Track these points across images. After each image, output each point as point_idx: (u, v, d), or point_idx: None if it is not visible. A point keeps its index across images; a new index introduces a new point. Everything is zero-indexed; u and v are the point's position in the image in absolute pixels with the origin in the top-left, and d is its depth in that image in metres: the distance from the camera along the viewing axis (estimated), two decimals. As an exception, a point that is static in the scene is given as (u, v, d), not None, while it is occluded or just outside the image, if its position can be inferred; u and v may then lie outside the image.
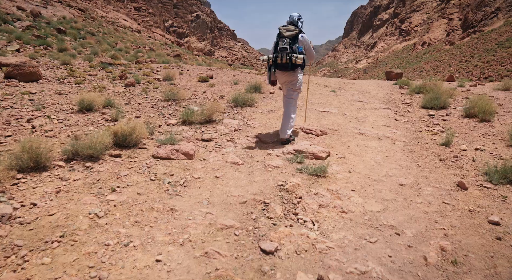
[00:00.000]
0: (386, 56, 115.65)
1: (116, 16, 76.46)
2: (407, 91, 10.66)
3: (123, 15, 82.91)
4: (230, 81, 11.32)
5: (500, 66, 42.62)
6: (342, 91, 10.81)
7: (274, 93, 9.39)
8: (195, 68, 15.14)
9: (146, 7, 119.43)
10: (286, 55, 4.90)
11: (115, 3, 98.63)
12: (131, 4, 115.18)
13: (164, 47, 44.43)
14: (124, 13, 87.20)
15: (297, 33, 5.00)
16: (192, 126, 6.07)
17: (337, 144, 5.44)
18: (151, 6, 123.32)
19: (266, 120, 6.66)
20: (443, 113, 7.39)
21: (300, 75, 5.33)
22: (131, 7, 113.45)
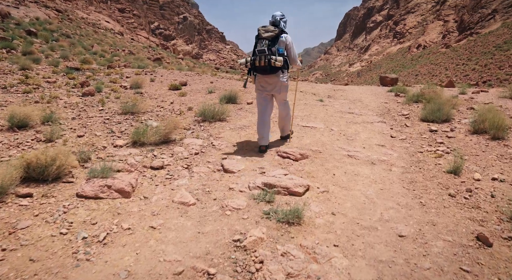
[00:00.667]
0: (380, 59, 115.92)
1: (97, 17, 75.38)
2: (404, 99, 9.86)
3: (106, 17, 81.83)
4: (205, 89, 10.40)
5: (499, 69, 42.40)
6: (331, 101, 9.96)
7: (251, 104, 8.49)
8: (171, 74, 14.21)
9: (131, 8, 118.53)
10: (265, 57, 4.71)
11: (98, 4, 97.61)
12: (115, 5, 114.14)
13: (146, 50, 43.46)
14: (107, 15, 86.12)
15: (277, 34, 4.79)
16: (143, 148, 5.11)
17: (320, 171, 4.53)
18: (136, 8, 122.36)
19: (236, 139, 5.73)
20: (446, 128, 6.54)
21: (283, 79, 5.09)
22: (115, 8, 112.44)
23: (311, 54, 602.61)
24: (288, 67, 5.09)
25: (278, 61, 4.70)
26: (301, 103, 9.00)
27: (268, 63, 4.73)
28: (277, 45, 4.81)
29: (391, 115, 8.01)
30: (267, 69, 4.83)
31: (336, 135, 6.16)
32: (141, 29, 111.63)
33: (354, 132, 6.39)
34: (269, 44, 4.75)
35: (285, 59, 4.89)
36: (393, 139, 6.04)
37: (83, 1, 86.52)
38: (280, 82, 5.09)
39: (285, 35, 4.94)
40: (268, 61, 4.72)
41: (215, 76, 15.20)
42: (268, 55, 4.70)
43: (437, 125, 6.80)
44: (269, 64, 4.74)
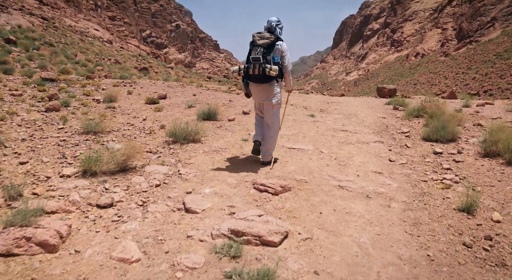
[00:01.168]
0: (377, 68, 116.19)
1: (86, 25, 74.97)
2: (403, 114, 9.24)
3: (95, 25, 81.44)
4: (185, 103, 9.72)
5: (500, 78, 42.16)
6: (323, 116, 9.31)
7: (233, 121, 7.81)
8: (153, 85, 13.53)
9: (122, 16, 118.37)
10: (259, 66, 4.60)
11: (87, 12, 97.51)
12: (105, 13, 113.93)
13: (135, 59, 42.85)
14: (96, 23, 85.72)
15: (273, 41, 4.69)
16: (95, 179, 4.38)
17: (304, 208, 3.82)
18: (127, 15, 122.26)
19: (209, 166, 5.01)
20: (453, 149, 5.87)
21: (277, 88, 5.00)
22: (105, 16, 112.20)
23: (307, 62, 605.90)
24: (282, 76, 4.99)
25: (273, 70, 4.59)
26: (290, 120, 8.32)
27: (263, 72, 4.61)
28: (272, 53, 4.70)
29: (389, 133, 7.34)
30: (261, 78, 4.72)
31: (326, 160, 5.46)
32: (132, 37, 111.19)
33: (347, 156, 5.69)
34: (264, 52, 4.64)
35: (279, 68, 4.77)
36: (392, 164, 5.35)
37: (72, 8, 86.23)
38: (273, 91, 4.96)
39: (280, 42, 4.82)
40: (262, 70, 4.59)
41: (201, 87, 14.54)
42: (263, 64, 4.59)
43: (442, 146, 6.13)
44: (263, 73, 4.62)
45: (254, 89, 5.03)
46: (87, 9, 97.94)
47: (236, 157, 5.43)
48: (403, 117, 8.90)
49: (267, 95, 4.98)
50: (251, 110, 9.20)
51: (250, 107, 9.71)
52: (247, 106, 9.91)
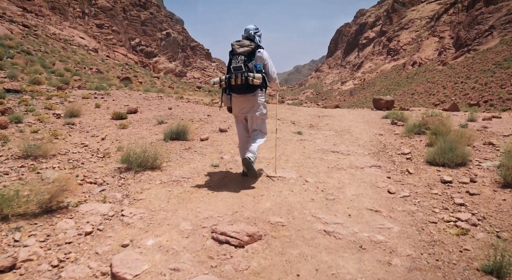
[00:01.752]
0: (374, 77, 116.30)
1: (71, 33, 74.33)
2: (403, 130, 8.43)
3: (81, 33, 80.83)
4: (156, 118, 8.83)
5: (501, 88, 41.73)
6: (312, 133, 8.45)
7: (206, 141, 6.92)
8: (127, 97, 12.65)
9: (110, 24, 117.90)
10: (241, 75, 4.46)
11: (74, 19, 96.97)
12: (93, 21, 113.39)
13: (120, 68, 41.97)
14: (82, 31, 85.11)
15: (253, 48, 4.58)
16: (5, 225, 3.43)
17: (276, 268, 2.91)
18: (115, 23, 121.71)
19: (162, 203, 4.08)
20: (464, 176, 5.01)
21: (261, 98, 4.85)
22: (93, 24, 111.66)
23: (301, 71, 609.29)
24: (266, 85, 4.81)
25: (256, 78, 4.45)
26: (272, 138, 7.44)
27: (246, 81, 4.45)
28: (254, 61, 4.56)
29: (387, 154, 6.48)
30: (245, 88, 4.56)
31: (311, 192, 4.56)
32: (121, 45, 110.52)
33: (337, 186, 4.80)
34: (245, 60, 4.50)
35: (263, 76, 4.60)
36: (392, 197, 4.47)
37: (57, 16, 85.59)
38: (257, 102, 4.77)
39: (261, 50, 4.71)
40: (245, 79, 4.44)
41: (181, 99, 13.67)
42: (245, 72, 4.45)
43: (450, 171, 5.28)
44: (247, 82, 4.46)
45: (237, 101, 4.80)
46: (73, 16, 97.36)
47: (199, 189, 4.52)
48: (403, 134, 8.07)
49: (251, 107, 4.77)
50: (229, 127, 8.34)
51: (230, 123, 8.85)
52: (227, 121, 9.06)
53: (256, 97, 4.75)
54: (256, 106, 4.78)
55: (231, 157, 5.95)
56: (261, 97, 4.83)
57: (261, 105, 4.83)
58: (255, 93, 4.72)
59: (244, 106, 4.80)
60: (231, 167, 5.41)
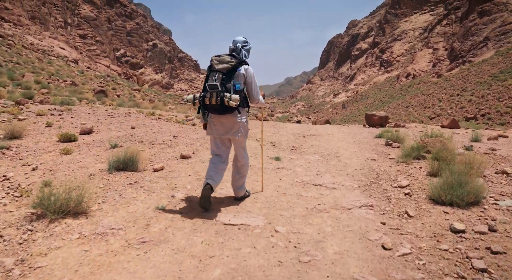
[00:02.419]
0: (367, 89, 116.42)
1: (51, 44, 73.40)
2: (399, 153, 7.46)
3: (61, 43, 79.87)
4: (111, 141, 7.74)
5: (498, 101, 41.31)
6: (293, 158, 7.43)
7: (160, 172, 5.83)
8: (89, 114, 11.57)
9: (94, 34, 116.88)
10: (217, 95, 4.12)
11: (56, 29, 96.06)
12: (76, 31, 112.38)
13: (99, 80, 40.80)
14: (64, 41, 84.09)
15: (233, 65, 4.22)
16: None
17: None
18: (99, 34, 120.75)
19: (68, 274, 2.99)
20: (480, 222, 4.01)
21: (241, 120, 4.46)
22: (75, 34, 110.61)
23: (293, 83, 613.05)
24: (247, 105, 4.54)
25: (233, 100, 4.12)
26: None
27: (221, 102, 4.13)
28: (233, 80, 4.25)
29: (381, 188, 5.46)
30: (219, 109, 4.22)
31: (280, 250, 3.49)
32: (104, 56, 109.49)
33: (316, 239, 3.74)
34: (223, 79, 4.21)
35: (243, 96, 4.37)
36: (388, 255, 3.43)
37: (37, 26, 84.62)
38: (237, 123, 4.44)
39: (245, 67, 4.40)
40: (220, 100, 4.12)
41: (151, 116, 12.60)
42: (221, 92, 4.14)
43: (461, 214, 4.28)
44: (222, 103, 4.14)
45: (215, 121, 4.46)
46: (55, 26, 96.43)
47: (128, 248, 3.43)
48: (399, 159, 7.08)
49: (230, 128, 4.44)
50: (195, 151, 7.29)
51: (197, 147, 7.82)
52: (194, 144, 8.01)
53: (235, 117, 4.39)
54: (235, 128, 4.43)
55: (185, 194, 4.88)
56: (241, 118, 4.47)
57: (241, 126, 4.49)
58: (234, 113, 4.36)
59: (221, 127, 4.46)
60: (181, 210, 4.33)
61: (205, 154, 7.28)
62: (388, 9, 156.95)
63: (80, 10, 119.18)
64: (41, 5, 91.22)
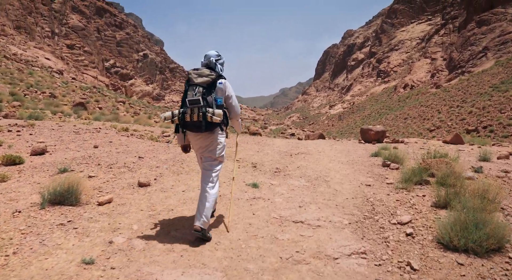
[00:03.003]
0: (363, 101, 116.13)
1: (36, 54, 72.65)
2: (398, 177, 6.59)
3: (47, 53, 79.12)
4: (63, 164, 6.80)
5: (500, 113, 40.76)
6: (274, 184, 6.51)
7: (106, 205, 4.86)
8: (54, 130, 10.63)
9: (82, 44, 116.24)
10: (198, 110, 3.90)
11: (42, 39, 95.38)
12: (63, 41, 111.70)
13: (83, 92, 39.83)
14: (49, 51, 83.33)
15: (214, 79, 4.09)
16: None
17: None
18: (87, 44, 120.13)
19: None
20: None
21: (220, 138, 4.28)
22: (63, 44, 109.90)
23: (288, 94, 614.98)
24: (227, 122, 4.37)
25: (216, 115, 3.91)
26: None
27: (203, 118, 3.90)
28: (214, 94, 4.07)
29: (377, 225, 4.54)
30: (202, 126, 3.94)
31: None
32: (93, 67, 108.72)
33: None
34: (204, 93, 3.98)
35: (224, 112, 4.17)
36: None
37: (23, 36, 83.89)
38: (216, 142, 4.21)
39: (223, 81, 4.21)
40: (203, 115, 3.89)
41: (124, 132, 11.67)
42: (204, 107, 3.90)
43: (481, 266, 3.39)
44: (205, 119, 3.91)
45: (193, 139, 4.26)
46: (41, 36, 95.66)
47: None
48: (398, 184, 6.19)
49: (207, 146, 4.25)
50: (158, 177, 6.35)
51: (163, 170, 6.89)
52: (160, 167, 7.07)
53: (214, 135, 4.19)
54: (213, 146, 4.23)
55: (127, 238, 3.92)
56: (220, 136, 4.28)
57: (219, 145, 4.28)
58: (214, 131, 4.15)
59: (200, 145, 4.26)
60: (114, 264, 3.39)
61: (170, 180, 6.34)
62: (385, 19, 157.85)
63: (68, 20, 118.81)
64: (27, 15, 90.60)
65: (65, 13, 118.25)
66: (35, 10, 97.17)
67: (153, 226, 4.27)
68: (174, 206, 4.95)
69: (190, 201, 5.18)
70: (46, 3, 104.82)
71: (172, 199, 5.26)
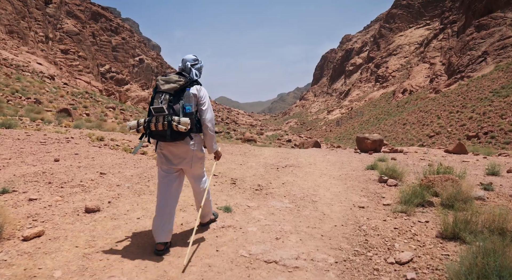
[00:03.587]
0: (362, 106, 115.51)
1: (28, 59, 71.85)
2: (397, 196, 5.72)
3: (40, 58, 78.26)
4: (5, 182, 5.89)
5: (501, 118, 40.00)
6: (252, 205, 5.62)
7: (35, 240, 3.92)
8: (20, 140, 9.72)
9: (76, 49, 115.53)
10: (163, 119, 3.61)
11: (36, 44, 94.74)
12: (57, 46, 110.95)
13: (73, 97, 38.83)
14: (42, 56, 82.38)
15: (182, 85, 3.80)
16: None
17: None
18: (82, 49, 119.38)
19: None
20: None
21: (195, 148, 3.95)
22: (57, 49, 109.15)
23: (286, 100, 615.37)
24: (200, 130, 4.00)
25: (182, 124, 3.59)
26: (177, 226, 4.47)
27: (168, 127, 3.60)
28: (182, 101, 3.78)
29: (371, 266, 3.64)
30: (167, 135, 3.64)
31: None
32: (88, 72, 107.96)
33: None
34: (170, 100, 3.73)
35: (196, 120, 3.90)
36: None
37: (16, 40, 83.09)
38: (191, 151, 3.91)
39: (197, 87, 3.95)
40: (168, 124, 3.59)
41: (99, 142, 10.73)
42: (169, 116, 3.62)
43: None
44: (170, 128, 3.61)
45: (165, 149, 3.89)
46: (35, 41, 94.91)
47: None
48: (397, 206, 5.31)
49: (182, 158, 3.90)
50: (113, 200, 5.40)
51: (122, 190, 5.97)
52: (120, 186, 6.16)
53: (187, 145, 3.88)
54: (188, 158, 3.95)
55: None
56: (194, 146, 3.96)
57: (195, 155, 3.99)
58: (186, 140, 3.86)
59: (172, 157, 3.93)
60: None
61: (127, 202, 5.38)
62: (383, 24, 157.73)
63: (63, 24, 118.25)
64: (20, 19, 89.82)
65: (60, 18, 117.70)
66: (29, 14, 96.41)
67: (82, 272, 3.31)
68: (121, 240, 4.04)
69: (143, 233, 4.27)
70: (40, 7, 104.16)
71: (122, 229, 4.32)
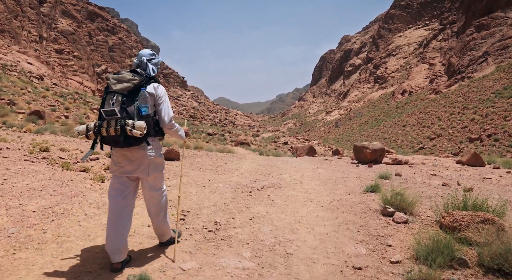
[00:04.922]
0: (361, 107, 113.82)
1: (18, 58, 69.99)
2: (410, 245, 3.83)
3: (31, 58, 76.38)
4: None
5: (505, 120, 38.22)
6: (190, 267, 3.68)
7: None
8: None
9: (71, 49, 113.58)
10: (116, 123, 3.14)
11: (29, 43, 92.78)
12: (52, 45, 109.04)
13: (54, 99, 36.89)
14: (34, 56, 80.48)
15: (137, 84, 3.30)
16: None
17: None
18: (77, 49, 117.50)
19: None
20: None
21: (152, 153, 3.48)
22: (52, 49, 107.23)
23: (284, 100, 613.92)
24: (161, 133, 3.57)
25: (137, 128, 3.13)
26: None
27: (121, 132, 3.13)
28: (137, 102, 3.27)
29: None
30: (120, 141, 3.19)
31: None
32: (83, 72, 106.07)
33: None
34: (123, 102, 3.23)
35: (154, 122, 3.44)
36: None
37: (7, 39, 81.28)
38: (147, 158, 3.45)
39: (154, 85, 3.49)
40: (121, 129, 3.11)
41: (36, 154, 8.81)
42: (121, 120, 3.14)
43: None
44: (123, 133, 3.14)
45: (119, 155, 3.43)
46: (27, 41, 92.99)
47: None
48: (412, 267, 3.44)
49: (137, 165, 3.43)
50: None
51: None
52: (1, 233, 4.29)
53: (144, 151, 3.38)
54: (145, 165, 3.42)
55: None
56: (152, 151, 3.45)
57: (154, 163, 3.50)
58: (142, 146, 3.35)
59: (127, 164, 3.40)
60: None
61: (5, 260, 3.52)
62: (381, 24, 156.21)
63: (58, 24, 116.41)
64: (12, 19, 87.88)
65: (55, 17, 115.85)
66: (22, 13, 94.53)
67: None
68: None
69: None
70: (34, 6, 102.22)
71: None
